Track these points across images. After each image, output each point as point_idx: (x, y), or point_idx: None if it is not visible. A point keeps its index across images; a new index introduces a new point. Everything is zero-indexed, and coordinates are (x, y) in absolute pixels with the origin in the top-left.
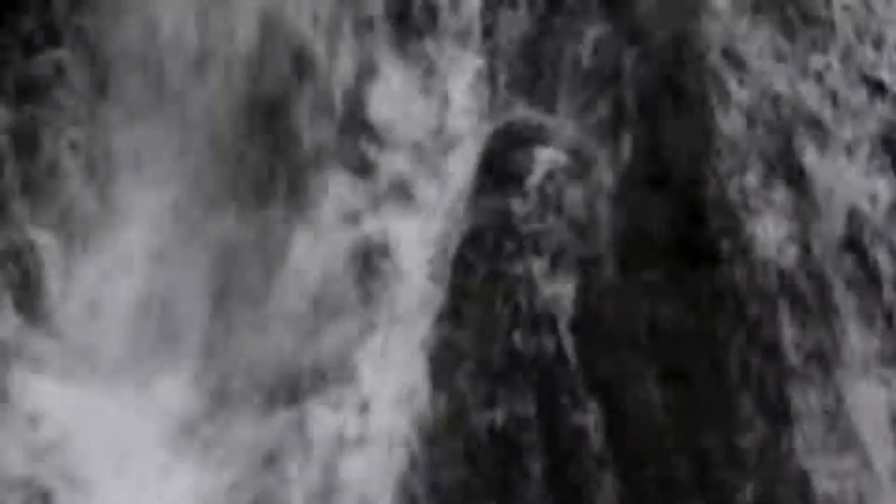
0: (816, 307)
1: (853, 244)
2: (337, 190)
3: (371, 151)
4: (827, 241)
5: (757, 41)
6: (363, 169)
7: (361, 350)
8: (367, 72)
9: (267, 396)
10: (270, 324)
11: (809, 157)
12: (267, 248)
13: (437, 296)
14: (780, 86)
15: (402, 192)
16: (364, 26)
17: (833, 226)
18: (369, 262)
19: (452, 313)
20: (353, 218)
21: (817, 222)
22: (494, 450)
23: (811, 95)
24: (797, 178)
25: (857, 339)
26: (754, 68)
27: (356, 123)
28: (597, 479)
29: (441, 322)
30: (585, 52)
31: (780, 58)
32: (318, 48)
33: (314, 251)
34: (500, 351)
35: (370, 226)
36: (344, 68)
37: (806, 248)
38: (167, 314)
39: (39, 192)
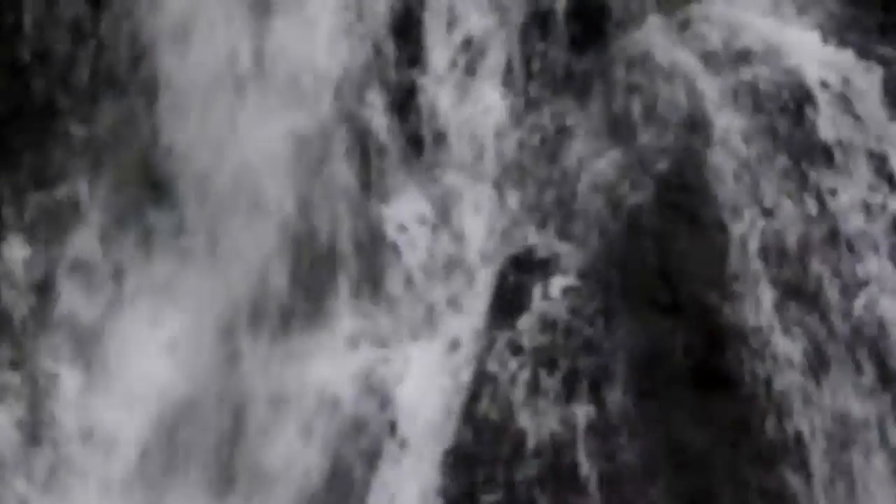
0: (840, 430)
1: (874, 363)
2: (350, 317)
3: (385, 279)
4: (846, 362)
5: (769, 168)
6: (377, 296)
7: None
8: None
9: None
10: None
11: (826, 281)
12: (282, 378)
13: (448, 425)
14: (792, 211)
15: (416, 321)
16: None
17: (852, 347)
18: (382, 390)
19: (464, 441)
20: (365, 344)
21: (834, 343)
22: None
23: (822, 220)
24: (813, 301)
25: (881, 461)
26: (766, 194)
27: (369, 250)
28: None
29: (452, 451)
30: (597, 179)
31: (791, 184)
32: None
33: (326, 377)
34: (513, 477)
35: (382, 353)
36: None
37: (825, 369)
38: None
39: (54, 325)
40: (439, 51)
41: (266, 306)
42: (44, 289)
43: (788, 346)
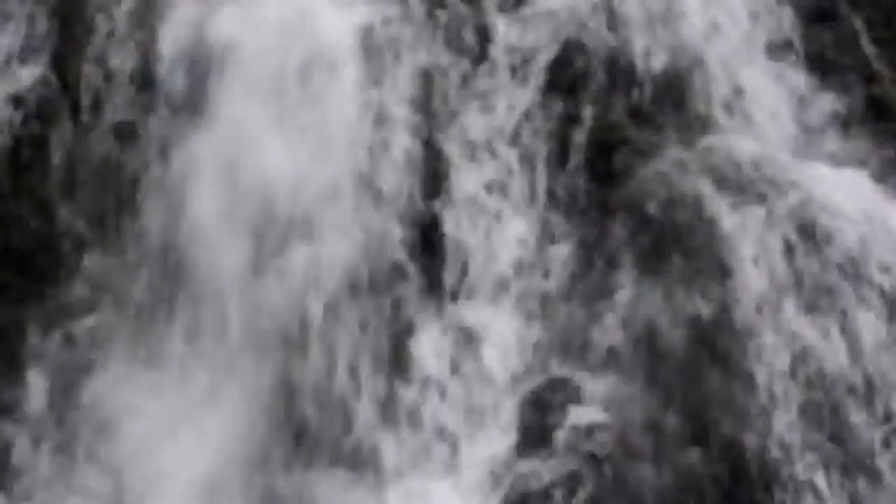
0: None
1: None
2: (378, 446)
3: (413, 409)
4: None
5: (793, 299)
6: (405, 425)
7: None
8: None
9: None
10: None
11: (853, 414)
12: None
13: None
14: (817, 343)
15: (440, 455)
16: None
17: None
18: None
19: None
20: (393, 474)
21: (863, 475)
22: None
23: (847, 352)
24: (840, 433)
25: None
26: (793, 329)
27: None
28: None
29: None
30: (621, 311)
31: (816, 314)
32: None
33: None
34: None
35: (410, 483)
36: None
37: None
38: None
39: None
40: (461, 182)
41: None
42: (64, 422)
43: (813, 476)
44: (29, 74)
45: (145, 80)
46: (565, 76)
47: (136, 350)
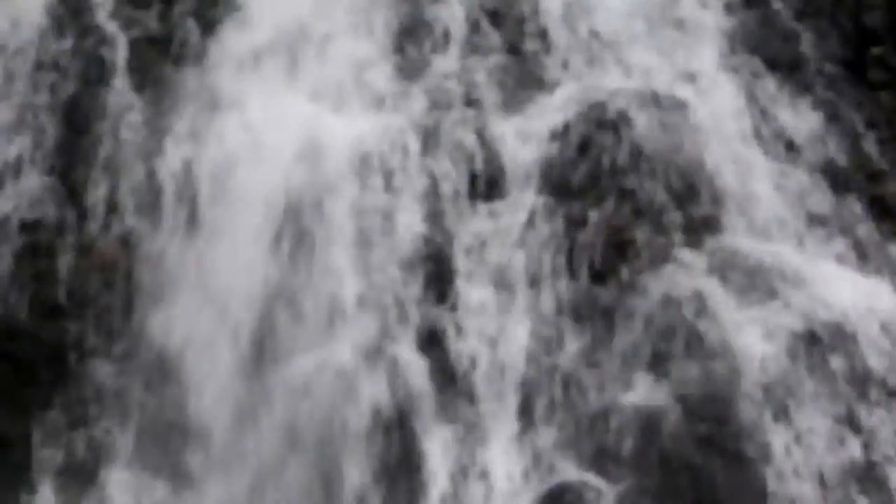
0: None
1: None
2: None
3: None
4: None
5: (801, 397)
6: None
7: None
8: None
9: None
10: None
11: None
12: None
13: None
14: (827, 437)
15: None
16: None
17: None
18: None
19: None
20: None
21: None
22: None
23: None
24: None
25: None
26: (802, 426)
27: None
28: None
29: None
30: (627, 413)
31: (824, 413)
32: None
33: None
34: None
35: None
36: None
37: None
38: None
39: None
40: (467, 287)
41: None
42: None
43: None
44: (37, 183)
45: (152, 190)
46: (571, 179)
47: (143, 460)
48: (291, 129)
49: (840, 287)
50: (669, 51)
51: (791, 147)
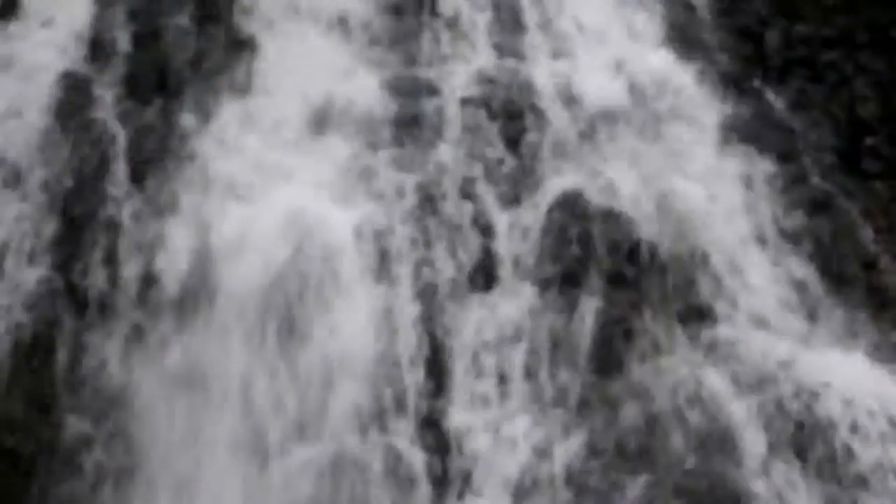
0: None
1: None
2: None
3: None
4: None
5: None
6: None
7: None
8: None
9: None
10: None
11: None
12: None
13: None
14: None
15: None
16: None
17: None
18: None
19: None
20: None
21: None
22: None
23: None
24: None
25: None
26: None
27: None
28: None
29: None
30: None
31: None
32: None
33: None
34: None
35: None
36: None
37: None
38: None
39: None
40: (465, 381)
41: None
42: None
43: None
44: (35, 276)
45: (150, 282)
46: (567, 270)
47: None
48: (289, 221)
49: (839, 376)
50: (665, 141)
51: (787, 237)
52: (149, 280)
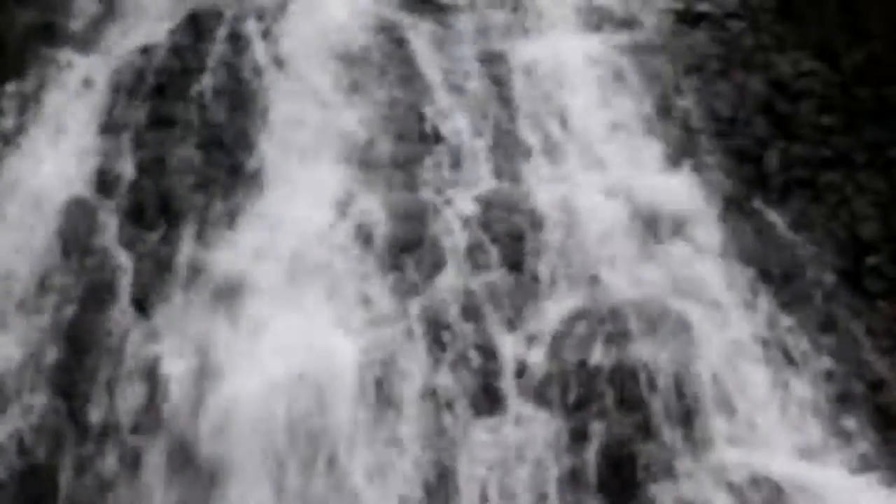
0: None
1: None
2: None
3: None
4: None
5: None
6: None
7: None
8: None
9: None
10: None
11: None
12: None
13: None
14: None
15: None
16: None
17: None
18: None
19: None
20: None
21: None
22: None
23: None
24: None
25: None
26: None
27: None
28: None
29: None
30: None
31: None
32: None
33: None
34: None
35: None
36: None
37: None
38: None
39: None
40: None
41: None
42: None
43: None
44: (37, 402)
45: (153, 405)
46: (572, 392)
47: None
48: (291, 348)
49: (846, 499)
50: (668, 262)
51: (791, 358)
52: (150, 405)
